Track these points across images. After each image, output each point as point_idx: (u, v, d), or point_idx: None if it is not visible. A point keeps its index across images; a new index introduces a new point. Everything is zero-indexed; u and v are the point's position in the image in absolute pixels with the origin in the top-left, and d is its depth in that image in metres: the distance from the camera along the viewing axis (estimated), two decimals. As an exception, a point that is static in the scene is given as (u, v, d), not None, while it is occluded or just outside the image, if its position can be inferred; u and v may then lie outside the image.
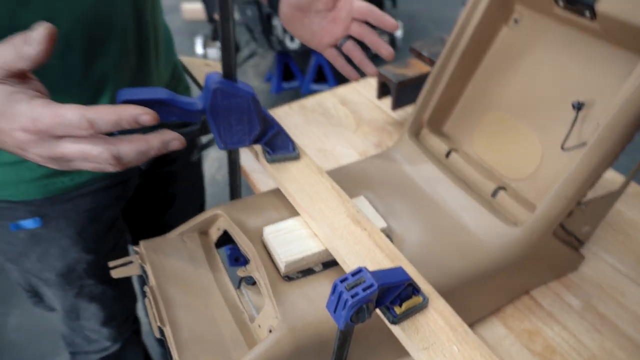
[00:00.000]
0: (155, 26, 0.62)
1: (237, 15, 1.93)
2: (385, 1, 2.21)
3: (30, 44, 0.32)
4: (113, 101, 0.57)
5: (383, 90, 0.87)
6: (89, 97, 0.55)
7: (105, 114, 0.33)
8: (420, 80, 0.80)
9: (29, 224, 0.58)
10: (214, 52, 1.90)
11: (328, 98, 0.98)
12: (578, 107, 0.51)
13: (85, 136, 0.34)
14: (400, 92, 0.83)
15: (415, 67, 0.85)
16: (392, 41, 1.97)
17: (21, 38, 0.33)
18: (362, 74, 0.68)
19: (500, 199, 0.55)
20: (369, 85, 1.01)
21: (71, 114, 0.32)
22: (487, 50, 0.63)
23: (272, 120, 0.52)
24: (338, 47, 0.64)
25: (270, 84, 2.59)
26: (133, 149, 0.35)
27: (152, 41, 0.61)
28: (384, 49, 0.61)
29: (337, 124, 0.91)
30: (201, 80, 0.74)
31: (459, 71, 0.63)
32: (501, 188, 0.55)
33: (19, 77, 0.34)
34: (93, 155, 0.34)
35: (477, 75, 0.64)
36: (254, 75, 2.75)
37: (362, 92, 0.99)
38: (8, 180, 0.55)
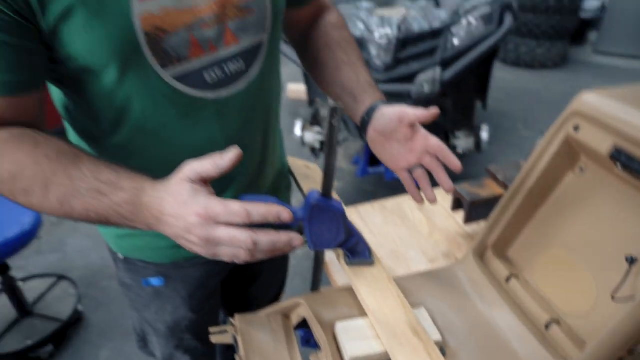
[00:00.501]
0: (277, 129, 0.79)
1: (332, 102, 2.15)
2: (475, 103, 2.32)
3: (224, 160, 0.49)
4: (234, 197, 0.73)
5: (457, 204, 0.96)
6: (217, 193, 0.71)
7: (259, 208, 0.48)
8: (492, 202, 0.88)
9: (156, 281, 0.74)
10: (311, 136, 2.12)
11: (406, 202, 1.09)
12: (631, 261, 0.57)
13: (239, 224, 0.48)
14: (473, 209, 0.91)
15: (489, 188, 0.93)
16: (478, 143, 2.06)
17: (219, 155, 0.49)
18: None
19: (553, 332, 0.60)
20: (446, 195, 1.10)
21: (236, 205, 0.47)
22: (553, 190, 0.71)
23: (354, 232, 0.64)
24: (410, 172, 0.73)
25: (356, 166, 2.76)
26: (268, 239, 0.49)
27: (271, 144, 0.77)
28: (446, 184, 0.69)
29: (411, 228, 1.00)
30: (301, 181, 0.90)
31: (526, 205, 0.71)
32: (555, 321, 0.61)
33: (204, 182, 0.50)
34: (239, 240, 0.48)
35: (543, 210, 0.71)
36: (342, 156, 2.95)
37: (439, 200, 1.09)
38: (149, 246, 0.72)
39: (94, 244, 2.24)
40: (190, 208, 0.48)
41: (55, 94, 0.64)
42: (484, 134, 2.09)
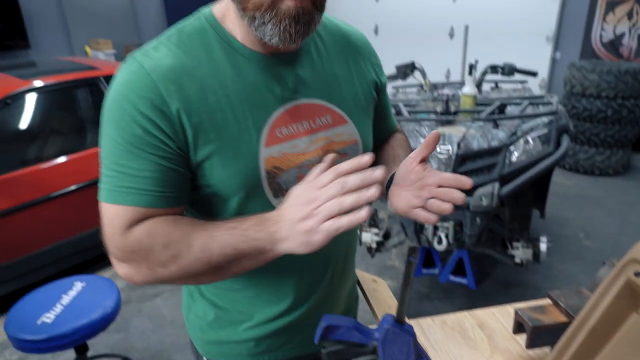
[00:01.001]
0: (356, 244, 0.90)
1: (393, 210, 2.25)
2: (532, 211, 2.34)
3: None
4: (317, 304, 0.83)
5: (519, 327, 0.99)
6: (301, 300, 0.82)
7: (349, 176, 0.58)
8: (554, 329, 0.90)
9: None
10: (368, 236, 2.21)
11: (467, 318, 1.12)
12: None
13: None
14: (535, 334, 0.94)
15: (552, 315, 0.96)
16: (537, 254, 2.05)
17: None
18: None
19: None
20: (507, 313, 1.12)
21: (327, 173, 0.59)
22: (618, 330, 0.74)
23: (423, 353, 0.70)
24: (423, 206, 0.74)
25: (410, 266, 2.77)
26: (356, 177, 0.57)
27: (351, 257, 0.88)
28: (464, 181, 0.70)
29: (472, 347, 1.03)
30: (370, 295, 0.98)
31: (589, 342, 0.74)
32: None
33: None
34: (331, 186, 0.57)
35: (607, 349, 0.74)
36: (396, 255, 2.99)
37: (500, 320, 1.11)
38: (233, 353, 0.81)
39: (154, 327, 2.35)
40: (297, 189, 0.61)
41: None
42: (543, 246, 2.08)
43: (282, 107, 0.72)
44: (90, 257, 2.69)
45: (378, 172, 0.56)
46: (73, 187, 2.44)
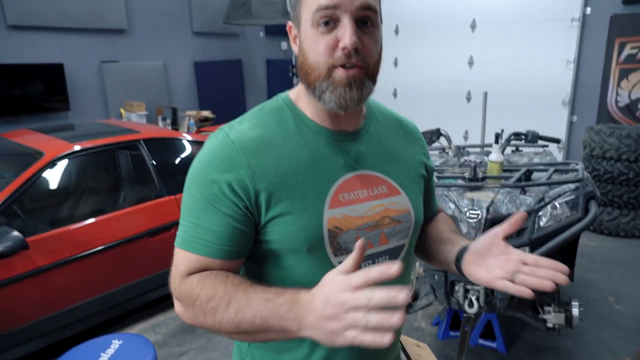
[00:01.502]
0: None
1: (420, 270, 2.28)
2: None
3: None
4: None
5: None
6: None
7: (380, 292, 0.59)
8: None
9: None
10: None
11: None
12: None
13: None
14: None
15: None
16: (569, 319, 2.03)
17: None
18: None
19: None
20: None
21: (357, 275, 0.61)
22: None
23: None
24: (511, 280, 0.75)
25: (437, 328, 2.74)
26: (383, 294, 0.58)
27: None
28: (561, 268, 0.72)
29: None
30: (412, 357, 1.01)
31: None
32: None
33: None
34: (359, 297, 0.58)
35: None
36: (422, 316, 2.96)
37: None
38: None
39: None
40: (330, 284, 0.62)
41: None
42: (575, 310, 2.07)
43: (345, 176, 0.83)
44: (120, 313, 2.74)
45: (402, 296, 0.57)
46: (108, 245, 2.53)
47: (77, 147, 2.59)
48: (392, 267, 0.59)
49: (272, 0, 4.80)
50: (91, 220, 2.52)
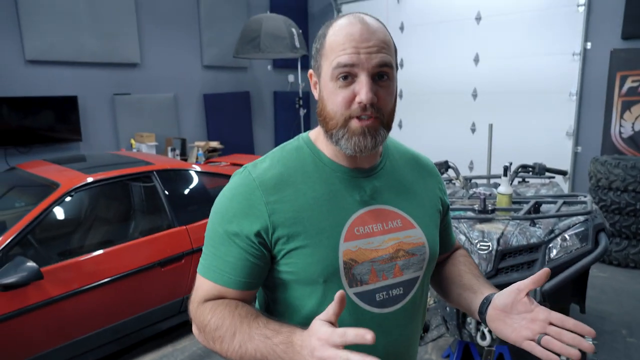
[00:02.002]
0: (418, 338, 0.99)
1: (431, 301, 2.28)
2: (570, 306, 2.32)
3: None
4: None
5: None
6: None
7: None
8: None
9: None
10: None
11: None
12: None
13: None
14: None
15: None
16: (583, 352, 2.01)
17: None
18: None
19: None
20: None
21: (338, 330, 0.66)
22: None
23: None
24: (537, 341, 0.77)
25: (448, 361, 2.71)
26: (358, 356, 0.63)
27: (413, 351, 0.97)
28: (585, 331, 0.74)
29: None
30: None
31: None
32: None
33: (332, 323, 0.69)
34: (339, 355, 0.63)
35: None
36: (432, 348, 2.93)
37: None
38: None
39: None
40: (314, 336, 0.68)
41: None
42: (589, 343, 2.05)
43: (361, 210, 0.88)
44: (129, 344, 2.72)
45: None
46: (119, 275, 2.54)
47: (92, 179, 2.64)
48: (367, 335, 0.63)
49: (280, 35, 4.96)
50: (103, 251, 2.54)
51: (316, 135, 0.93)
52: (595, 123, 4.71)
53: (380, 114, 0.82)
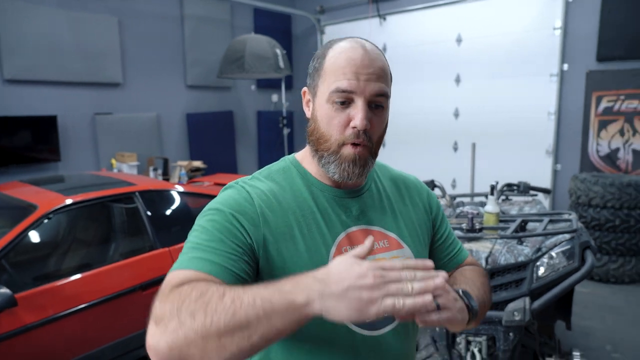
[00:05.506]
0: None
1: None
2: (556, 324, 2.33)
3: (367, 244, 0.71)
4: None
5: None
6: None
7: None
8: None
9: None
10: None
11: None
12: None
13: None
14: None
15: None
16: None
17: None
18: None
19: None
20: None
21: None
22: None
23: None
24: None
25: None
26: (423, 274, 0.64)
27: None
28: None
29: None
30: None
31: None
32: None
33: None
34: (403, 275, 0.63)
35: None
36: (421, 369, 2.89)
37: None
38: None
39: None
40: (362, 262, 0.65)
41: None
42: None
43: (348, 230, 0.87)
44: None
45: (439, 279, 0.65)
46: (100, 299, 2.45)
47: (71, 200, 2.57)
48: (428, 261, 0.67)
49: (265, 55, 4.99)
50: (82, 275, 2.46)
51: (302, 156, 0.93)
52: (574, 141, 4.82)
53: (370, 142, 0.83)
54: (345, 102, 0.81)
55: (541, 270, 1.84)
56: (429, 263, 0.67)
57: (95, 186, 2.86)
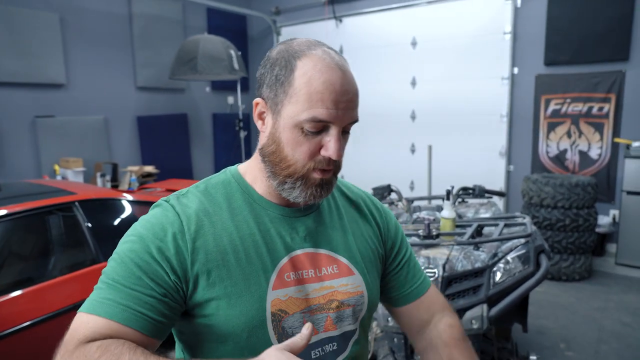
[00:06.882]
0: None
1: (378, 331, 2.20)
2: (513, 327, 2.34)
3: (304, 334, 0.62)
4: None
5: None
6: None
7: None
8: None
9: None
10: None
11: None
12: None
13: None
14: None
15: None
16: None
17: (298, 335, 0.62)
18: None
19: None
20: None
21: None
22: None
23: None
24: None
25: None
26: None
27: None
28: None
29: None
30: None
31: None
32: None
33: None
34: None
35: None
36: (381, 377, 2.84)
37: None
38: None
39: None
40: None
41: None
42: (533, 360, 2.06)
43: (292, 254, 0.78)
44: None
45: None
46: (38, 319, 2.26)
47: (4, 211, 2.35)
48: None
49: (219, 57, 4.83)
50: (18, 292, 2.25)
51: (245, 169, 0.83)
52: (525, 143, 4.96)
53: (336, 167, 0.77)
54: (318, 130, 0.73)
55: (498, 276, 1.83)
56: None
57: (31, 196, 2.64)
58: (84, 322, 0.66)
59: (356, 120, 0.75)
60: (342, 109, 0.71)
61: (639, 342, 3.09)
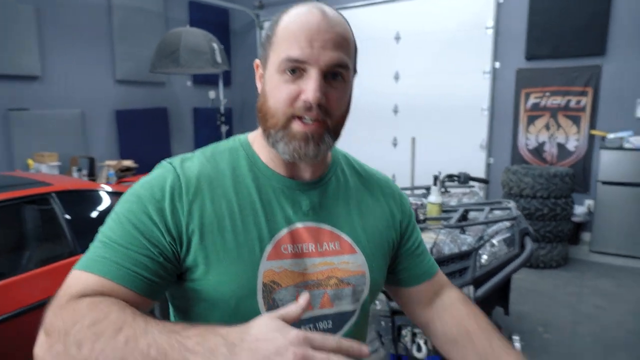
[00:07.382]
0: None
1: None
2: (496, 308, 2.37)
3: (300, 304, 0.58)
4: None
5: None
6: None
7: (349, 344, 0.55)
8: None
9: None
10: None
11: None
12: None
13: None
14: None
15: None
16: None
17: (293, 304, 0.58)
18: None
19: None
20: None
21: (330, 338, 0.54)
22: None
23: None
24: None
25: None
26: None
27: None
28: None
29: None
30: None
31: None
32: None
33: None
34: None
35: None
36: (367, 366, 2.85)
37: None
38: None
39: None
40: (287, 331, 0.52)
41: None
42: (517, 345, 2.09)
43: (292, 226, 0.76)
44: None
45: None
46: (11, 313, 2.18)
47: (-25, 203, 2.26)
48: (363, 348, 0.55)
49: (201, 50, 4.76)
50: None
51: (254, 137, 0.81)
52: (505, 136, 5.04)
53: (327, 117, 0.71)
54: (297, 70, 0.69)
55: (484, 258, 1.85)
56: (365, 350, 0.55)
57: (4, 187, 2.55)
58: (77, 278, 0.66)
59: (342, 64, 0.70)
60: (318, 47, 0.68)
61: (612, 324, 3.19)
